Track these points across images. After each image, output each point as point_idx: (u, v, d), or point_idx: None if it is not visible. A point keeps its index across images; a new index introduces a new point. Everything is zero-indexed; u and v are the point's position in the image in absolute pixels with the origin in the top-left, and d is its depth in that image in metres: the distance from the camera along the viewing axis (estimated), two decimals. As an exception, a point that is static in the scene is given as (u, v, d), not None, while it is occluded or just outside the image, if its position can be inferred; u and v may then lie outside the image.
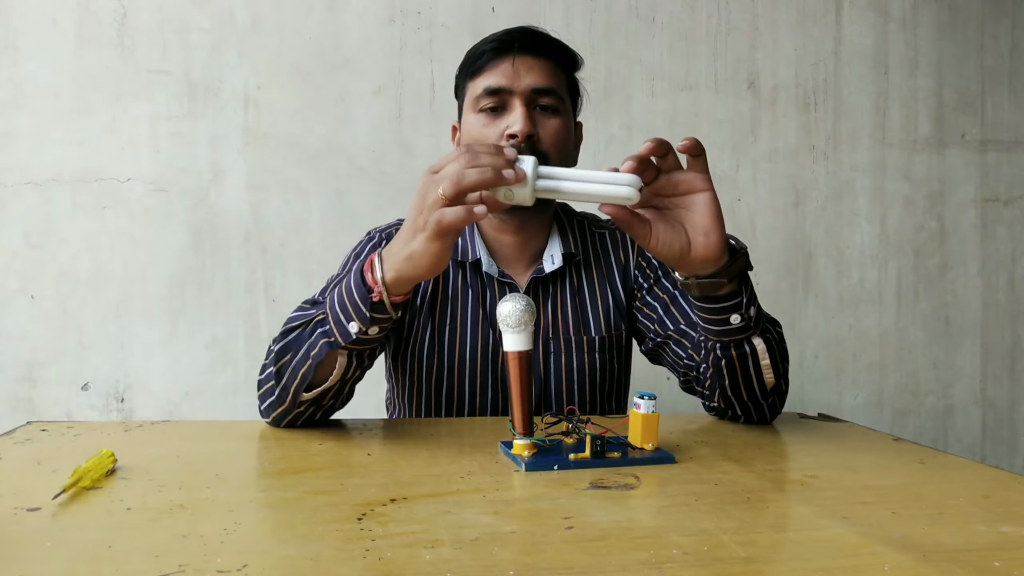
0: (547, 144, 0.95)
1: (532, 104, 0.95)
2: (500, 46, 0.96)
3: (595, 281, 1.05)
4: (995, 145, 2.05)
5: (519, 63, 0.95)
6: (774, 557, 0.48)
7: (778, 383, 0.85)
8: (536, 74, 0.95)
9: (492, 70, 0.95)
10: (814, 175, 1.98)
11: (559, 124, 0.97)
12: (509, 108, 0.95)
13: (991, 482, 0.67)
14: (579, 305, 1.03)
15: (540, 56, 0.97)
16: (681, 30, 1.91)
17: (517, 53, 0.95)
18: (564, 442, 0.75)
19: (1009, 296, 2.07)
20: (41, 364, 1.72)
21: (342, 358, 0.80)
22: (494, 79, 0.95)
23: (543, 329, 1.01)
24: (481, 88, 0.96)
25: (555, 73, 0.98)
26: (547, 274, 1.02)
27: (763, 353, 0.81)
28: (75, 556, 0.46)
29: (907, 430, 2.02)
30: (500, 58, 0.96)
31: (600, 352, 1.02)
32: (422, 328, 1.00)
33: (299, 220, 1.78)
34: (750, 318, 0.79)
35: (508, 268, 1.04)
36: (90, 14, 1.72)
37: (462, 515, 0.55)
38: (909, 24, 2.01)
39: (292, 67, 1.78)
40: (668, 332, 0.98)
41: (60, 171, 1.71)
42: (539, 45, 0.97)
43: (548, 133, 0.96)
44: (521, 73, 0.95)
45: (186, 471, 0.67)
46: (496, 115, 0.96)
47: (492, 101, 0.95)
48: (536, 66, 0.96)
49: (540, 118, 0.96)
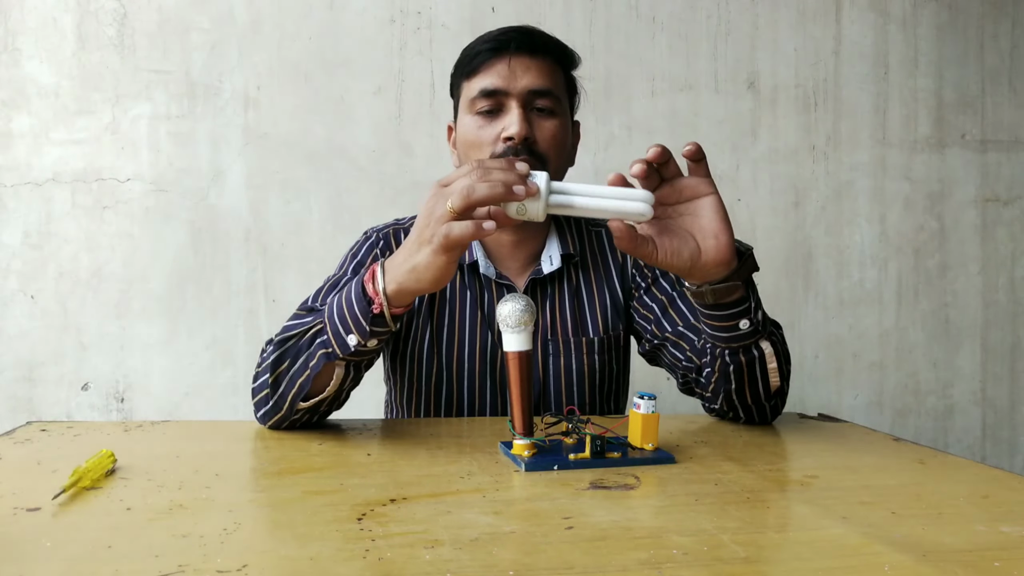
0: (544, 146, 0.94)
1: (529, 105, 0.94)
2: (496, 46, 0.94)
3: (592, 282, 1.04)
4: (995, 145, 2.05)
5: (515, 63, 0.94)
6: (774, 557, 0.48)
7: (782, 385, 0.85)
8: (533, 75, 0.94)
9: (488, 71, 0.94)
10: (814, 175, 1.98)
11: (556, 125, 0.96)
12: (505, 110, 0.94)
13: (991, 482, 0.67)
14: (577, 306, 1.03)
15: (536, 56, 0.95)
16: (681, 30, 1.91)
17: (513, 53, 0.94)
18: (564, 442, 0.75)
19: (1009, 296, 2.07)
20: (41, 364, 1.72)
21: (340, 369, 0.79)
22: (490, 80, 0.94)
23: (541, 330, 1.01)
24: (477, 90, 0.94)
25: (552, 73, 0.97)
26: (545, 275, 1.02)
27: (770, 356, 0.81)
28: (75, 556, 0.46)
29: (907, 430, 2.02)
30: (496, 58, 0.94)
31: (599, 353, 1.02)
32: (421, 330, 1.00)
33: (299, 220, 1.78)
34: (758, 322, 0.79)
35: (505, 269, 1.03)
36: (90, 14, 1.72)
37: (462, 515, 0.55)
38: (909, 24, 2.01)
39: (292, 67, 1.78)
40: (666, 334, 0.97)
41: (60, 171, 1.71)
42: (535, 44, 0.95)
43: (545, 135, 0.95)
44: (517, 74, 0.93)
45: (186, 471, 0.67)
46: (492, 117, 0.94)
47: (488, 103, 0.94)
48: (533, 66, 0.94)
49: (537, 120, 0.95)
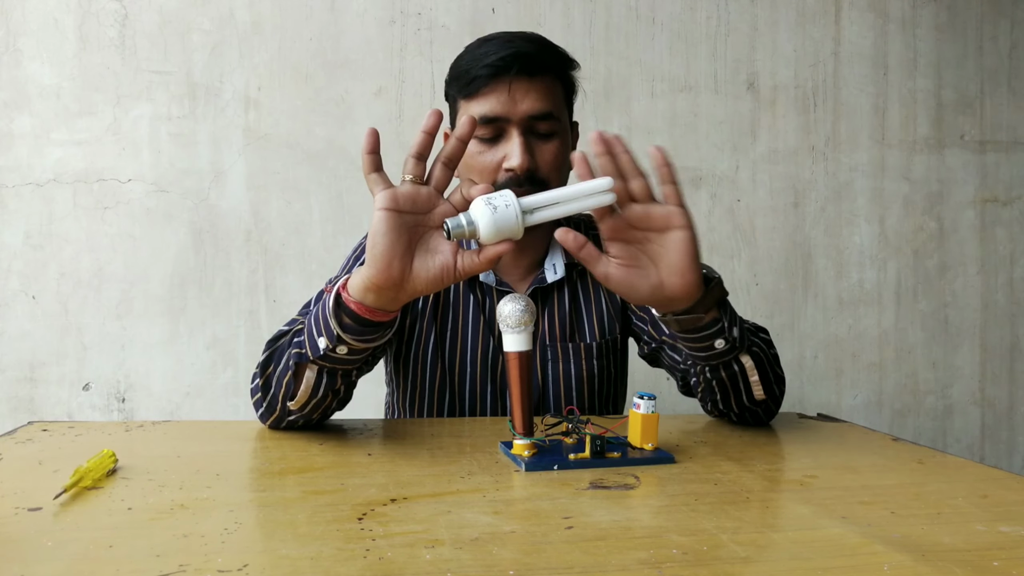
0: (546, 171, 0.93)
1: (529, 130, 0.93)
2: (495, 72, 0.91)
3: (590, 287, 1.04)
4: (994, 146, 2.05)
5: (515, 88, 0.91)
6: (773, 557, 0.49)
7: (771, 391, 0.85)
8: (533, 98, 0.92)
9: (487, 96, 0.92)
10: (813, 176, 1.98)
11: (557, 147, 0.94)
12: (506, 136, 0.92)
13: (990, 482, 0.67)
14: (575, 312, 1.03)
15: (535, 77, 0.92)
16: (681, 31, 1.92)
17: (513, 77, 0.91)
18: (564, 442, 0.75)
19: (1008, 296, 2.07)
20: (42, 364, 1.73)
21: (311, 373, 0.77)
22: (489, 107, 0.91)
23: (541, 337, 1.01)
24: (476, 115, 0.90)
25: (551, 92, 0.94)
26: (549, 283, 1.01)
27: (751, 370, 0.82)
28: (76, 556, 0.47)
29: (906, 430, 2.02)
30: (495, 83, 0.91)
31: (597, 358, 1.02)
32: (425, 333, 1.00)
33: (300, 220, 1.79)
34: (734, 339, 0.78)
35: (507, 276, 1.03)
36: (91, 15, 1.72)
37: (462, 515, 0.55)
38: (908, 25, 2.01)
39: (293, 68, 1.78)
40: (663, 337, 0.97)
41: (61, 172, 1.71)
42: (535, 66, 0.92)
43: (547, 159, 0.93)
44: (517, 99, 0.91)
45: (187, 471, 0.67)
46: (492, 143, 0.93)
47: (488, 131, 0.92)
48: (533, 89, 0.92)
49: (537, 144, 0.93)
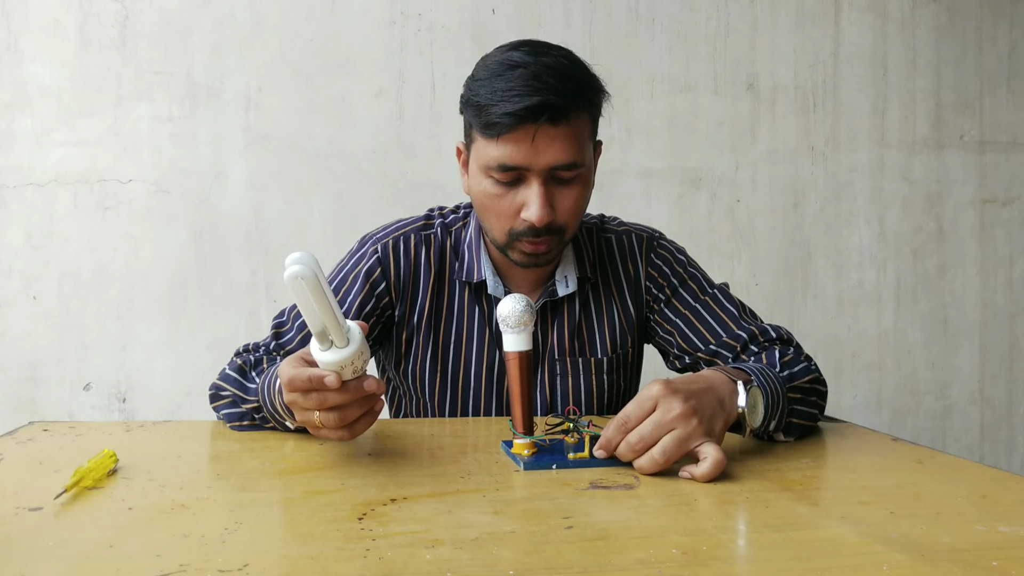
0: (564, 217, 0.89)
1: (551, 179, 0.87)
2: (519, 120, 0.82)
3: (603, 300, 1.02)
4: (993, 146, 2.05)
5: (540, 137, 0.83)
6: (773, 557, 0.49)
7: (816, 419, 0.88)
8: (557, 148, 0.84)
9: (509, 141, 0.84)
10: (813, 176, 1.98)
11: (578, 193, 0.89)
12: (525, 182, 0.87)
13: (989, 482, 0.67)
14: (586, 326, 1.01)
15: (561, 124, 0.84)
16: (680, 32, 1.92)
17: (540, 125, 0.83)
18: (564, 442, 0.75)
19: (1007, 296, 2.07)
20: (43, 364, 1.73)
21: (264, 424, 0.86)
22: (509, 154, 0.84)
23: (549, 351, 0.99)
24: (495, 159, 0.85)
25: (578, 136, 0.86)
26: (560, 297, 0.99)
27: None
28: (77, 556, 0.47)
29: (906, 430, 2.02)
30: (520, 129, 0.83)
31: (607, 373, 1.01)
32: (422, 347, 0.99)
33: (300, 221, 1.79)
34: (770, 432, 0.80)
35: (516, 288, 1.00)
36: (92, 16, 1.72)
37: (462, 515, 0.55)
38: (908, 25, 2.01)
39: (293, 68, 1.78)
40: (699, 353, 0.97)
41: (62, 172, 1.72)
42: (564, 112, 0.83)
43: (566, 205, 0.88)
44: (540, 149, 0.84)
45: (187, 471, 0.67)
46: (510, 187, 0.87)
47: (506, 176, 0.86)
48: (558, 137, 0.84)
49: (557, 191, 0.88)
